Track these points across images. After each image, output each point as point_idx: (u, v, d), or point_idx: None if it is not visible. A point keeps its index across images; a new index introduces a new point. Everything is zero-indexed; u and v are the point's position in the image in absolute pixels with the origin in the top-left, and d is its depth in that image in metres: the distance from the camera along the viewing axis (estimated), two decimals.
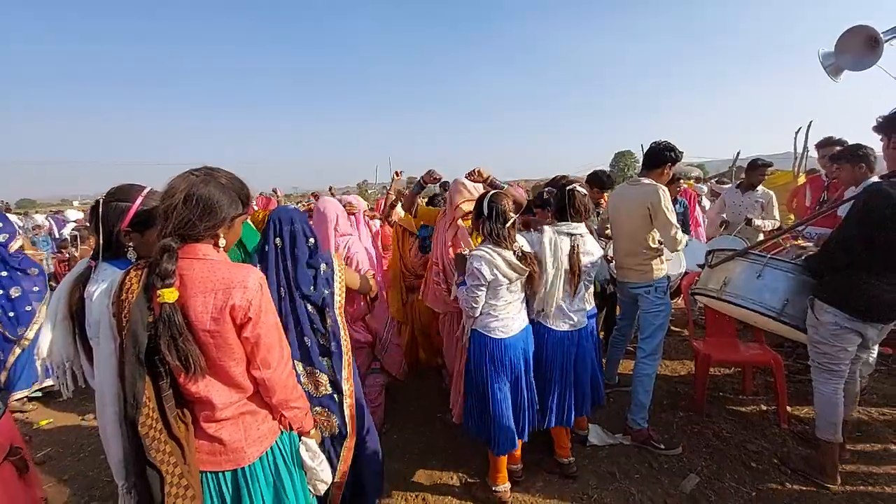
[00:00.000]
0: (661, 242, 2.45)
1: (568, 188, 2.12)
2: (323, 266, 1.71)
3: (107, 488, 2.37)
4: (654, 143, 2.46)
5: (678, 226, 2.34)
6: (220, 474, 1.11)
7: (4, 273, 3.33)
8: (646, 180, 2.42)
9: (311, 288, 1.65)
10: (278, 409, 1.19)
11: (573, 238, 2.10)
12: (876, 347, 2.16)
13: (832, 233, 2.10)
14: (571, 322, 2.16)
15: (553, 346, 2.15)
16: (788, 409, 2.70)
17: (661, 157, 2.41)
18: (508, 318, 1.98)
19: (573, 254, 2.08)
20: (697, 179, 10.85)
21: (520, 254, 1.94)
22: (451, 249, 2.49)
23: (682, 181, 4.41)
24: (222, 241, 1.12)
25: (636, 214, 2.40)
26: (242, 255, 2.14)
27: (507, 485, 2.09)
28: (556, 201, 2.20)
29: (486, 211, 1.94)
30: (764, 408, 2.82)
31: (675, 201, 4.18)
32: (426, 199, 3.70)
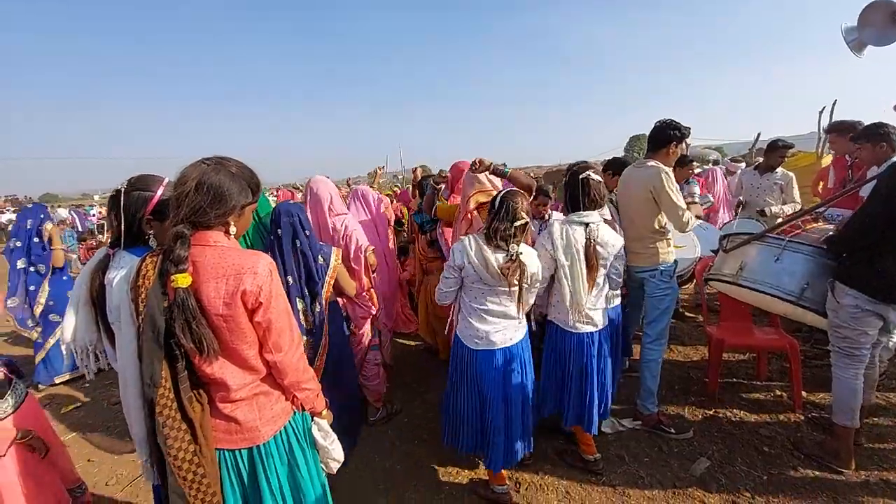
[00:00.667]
0: (666, 225, 2.40)
1: (581, 176, 2.00)
2: (320, 259, 1.95)
3: (130, 466, 2.48)
4: (658, 121, 2.37)
5: (685, 206, 2.28)
6: (237, 452, 1.16)
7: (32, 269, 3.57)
8: (650, 162, 2.34)
9: (315, 275, 1.92)
10: (290, 391, 1.23)
11: (588, 228, 1.96)
12: None
13: (855, 212, 2.03)
14: (592, 322, 2.03)
15: (572, 350, 2.04)
16: (804, 394, 2.67)
17: (665, 135, 2.33)
18: (486, 329, 1.83)
19: (589, 246, 1.95)
20: (715, 162, 10.55)
21: (514, 257, 1.74)
22: None
23: (694, 163, 4.29)
24: (233, 229, 1.15)
25: (641, 198, 2.34)
26: (256, 220, 2.20)
27: (506, 486, 2.04)
28: (569, 190, 2.06)
29: (496, 207, 1.82)
30: (779, 393, 2.79)
31: (686, 183, 4.09)
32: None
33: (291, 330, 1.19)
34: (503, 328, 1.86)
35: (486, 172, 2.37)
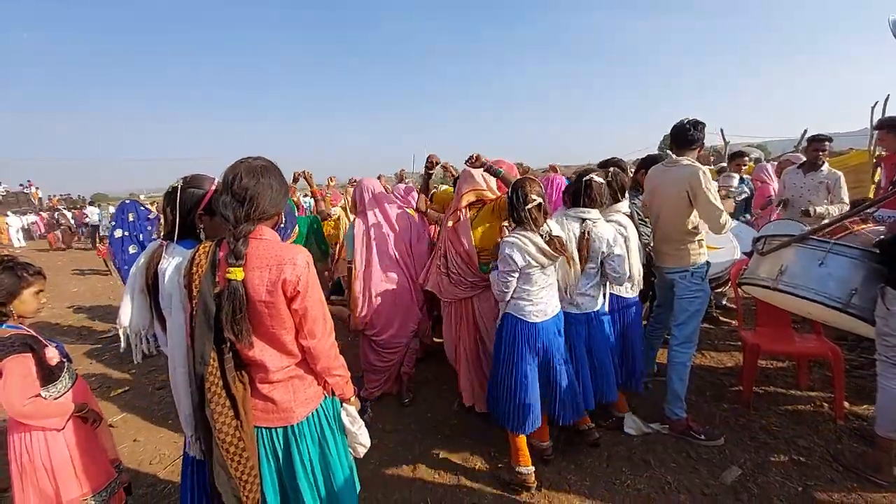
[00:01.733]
0: (699, 225, 2.34)
1: (585, 178, 2.15)
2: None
3: (173, 447, 2.66)
4: (682, 121, 2.34)
5: (722, 208, 2.21)
6: (273, 430, 1.25)
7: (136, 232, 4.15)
8: (686, 161, 2.30)
9: None
10: (322, 376, 1.31)
11: (584, 223, 2.13)
12: None
13: None
14: (575, 305, 2.20)
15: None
16: (846, 404, 2.53)
17: (694, 137, 2.31)
18: (542, 303, 2.02)
19: (582, 238, 2.10)
20: (757, 160, 10.04)
21: (548, 237, 1.96)
22: (450, 233, 2.54)
23: (746, 158, 4.11)
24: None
25: (674, 197, 2.30)
26: None
27: (531, 467, 2.09)
28: (573, 189, 2.21)
29: (511, 197, 2.00)
30: (819, 403, 2.66)
31: (741, 181, 3.92)
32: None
33: (325, 319, 1.27)
34: (552, 297, 2.08)
35: (482, 170, 2.45)
